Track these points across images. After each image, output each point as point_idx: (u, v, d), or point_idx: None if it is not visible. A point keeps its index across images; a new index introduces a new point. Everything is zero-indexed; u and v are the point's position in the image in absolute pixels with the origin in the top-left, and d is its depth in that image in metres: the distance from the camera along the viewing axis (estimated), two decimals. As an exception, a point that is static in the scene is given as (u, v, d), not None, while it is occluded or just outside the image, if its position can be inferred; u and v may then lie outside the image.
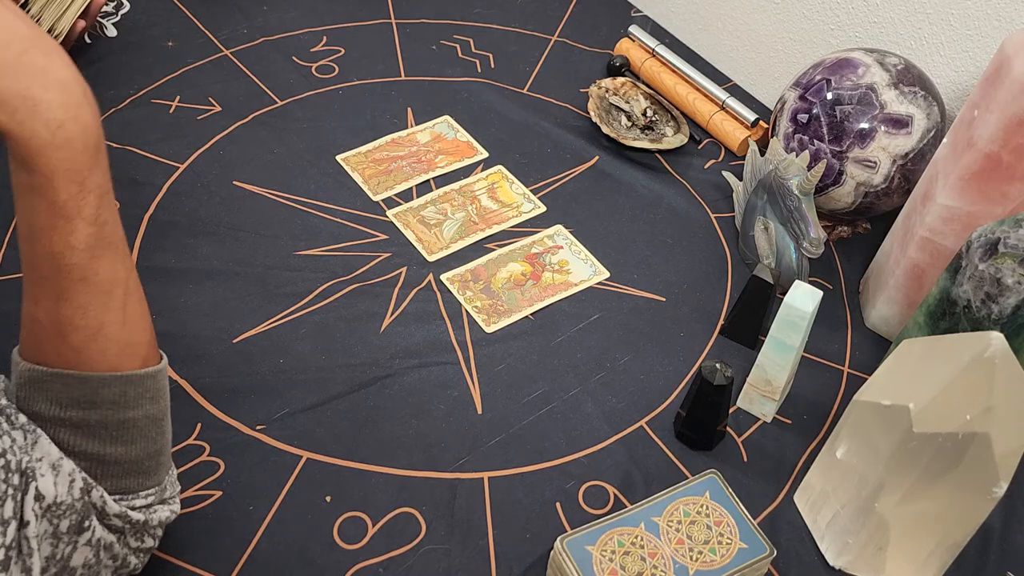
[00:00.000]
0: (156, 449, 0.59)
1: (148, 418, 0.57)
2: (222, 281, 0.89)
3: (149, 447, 0.58)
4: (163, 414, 0.59)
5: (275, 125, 1.06)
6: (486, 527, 0.74)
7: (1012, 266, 0.71)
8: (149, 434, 0.58)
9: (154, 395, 0.58)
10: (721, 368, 0.75)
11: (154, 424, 0.58)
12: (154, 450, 0.59)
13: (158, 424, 0.58)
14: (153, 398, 0.57)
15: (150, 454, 0.58)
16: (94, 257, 0.52)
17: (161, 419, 0.59)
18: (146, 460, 0.58)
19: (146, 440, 0.58)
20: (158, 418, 0.58)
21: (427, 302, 0.90)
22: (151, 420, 0.58)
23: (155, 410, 0.58)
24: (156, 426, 0.58)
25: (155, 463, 0.59)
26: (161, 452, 0.60)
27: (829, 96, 0.91)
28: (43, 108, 0.47)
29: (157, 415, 0.58)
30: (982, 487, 0.63)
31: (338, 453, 0.77)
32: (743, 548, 0.67)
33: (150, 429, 0.58)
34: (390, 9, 1.25)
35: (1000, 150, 0.75)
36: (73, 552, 0.54)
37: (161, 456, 0.60)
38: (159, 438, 0.59)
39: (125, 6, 1.19)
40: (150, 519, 0.59)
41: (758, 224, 0.94)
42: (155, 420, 0.58)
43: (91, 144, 0.50)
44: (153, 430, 0.58)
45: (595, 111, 1.08)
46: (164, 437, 0.60)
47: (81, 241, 0.51)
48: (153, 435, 0.58)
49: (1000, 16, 0.89)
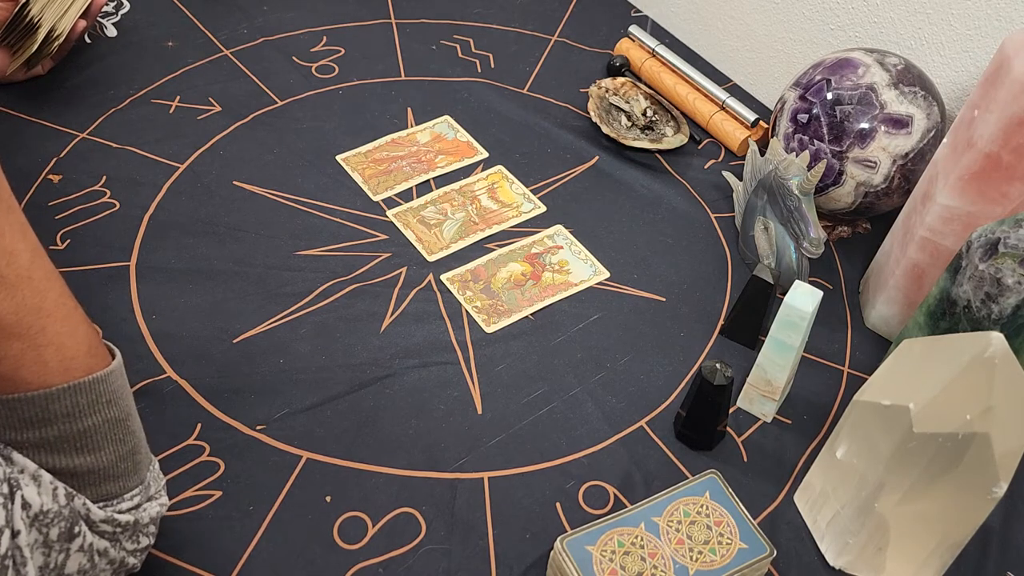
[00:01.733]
0: (127, 450, 0.57)
1: (109, 422, 0.56)
2: (222, 281, 0.89)
3: (119, 449, 0.57)
4: (125, 415, 0.57)
5: (275, 125, 1.06)
6: (486, 527, 0.74)
7: (1012, 266, 0.71)
8: (115, 437, 0.56)
9: (110, 398, 0.56)
10: (721, 368, 0.75)
11: (118, 426, 0.56)
12: (125, 451, 0.57)
13: (122, 425, 0.57)
14: (110, 401, 0.56)
15: (122, 456, 0.57)
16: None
17: (125, 419, 0.57)
18: (120, 463, 0.57)
19: (114, 443, 0.56)
20: (121, 419, 0.57)
21: (427, 302, 0.90)
22: (113, 423, 0.56)
23: (115, 412, 0.56)
24: (121, 427, 0.57)
25: (131, 464, 0.58)
26: (135, 452, 0.58)
27: (829, 96, 0.91)
28: None
29: (119, 416, 0.56)
30: (982, 487, 0.63)
31: (338, 453, 0.77)
32: (743, 548, 0.67)
33: (115, 432, 0.56)
34: (390, 9, 1.25)
35: (1000, 150, 0.75)
36: (67, 560, 0.53)
37: (136, 455, 0.58)
38: (128, 438, 0.57)
39: (125, 6, 1.19)
40: (140, 518, 0.58)
41: (758, 224, 0.94)
42: (118, 422, 0.56)
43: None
44: (119, 432, 0.56)
45: (595, 111, 1.08)
46: (134, 437, 0.58)
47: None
48: (121, 437, 0.57)
49: (1000, 16, 0.89)
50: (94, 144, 1.01)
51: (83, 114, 1.04)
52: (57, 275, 0.55)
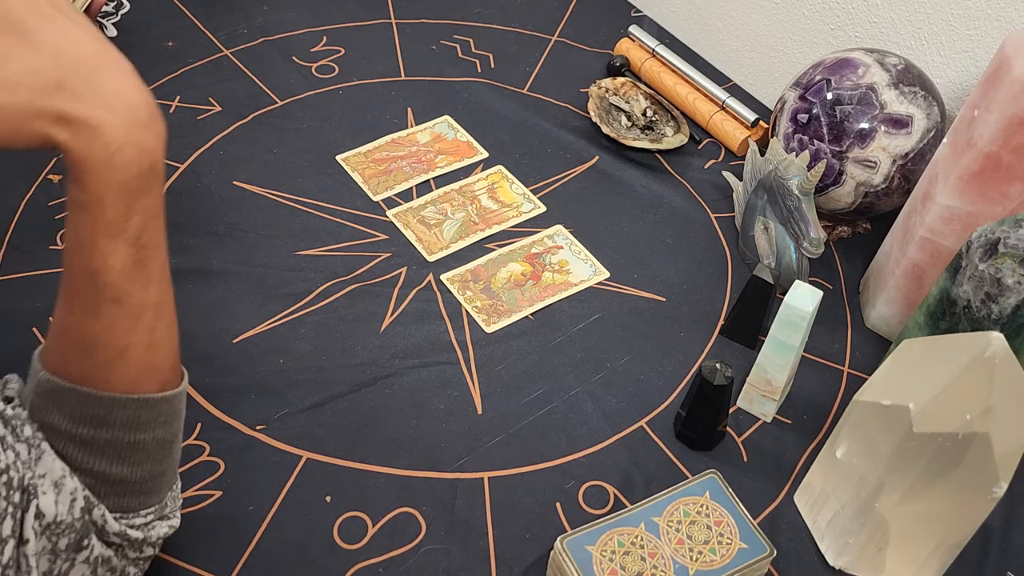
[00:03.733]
0: (161, 471, 0.58)
1: (158, 441, 0.56)
2: (222, 281, 0.89)
3: (154, 469, 0.57)
4: (174, 437, 0.59)
5: (275, 125, 1.06)
6: (486, 527, 0.74)
7: (1012, 266, 0.71)
8: (157, 456, 0.57)
9: (167, 419, 0.57)
10: (721, 368, 0.75)
11: (163, 447, 0.57)
12: (159, 471, 0.58)
13: (167, 447, 0.58)
14: (166, 422, 0.57)
15: (154, 475, 0.58)
16: (129, 279, 0.51)
17: (171, 442, 0.58)
18: (150, 481, 0.57)
19: (153, 462, 0.57)
20: (168, 441, 0.58)
21: (427, 302, 0.90)
22: (160, 443, 0.57)
23: (166, 434, 0.57)
24: (165, 449, 0.57)
25: (158, 483, 0.58)
26: (165, 473, 0.59)
27: (829, 96, 0.91)
28: (106, 129, 0.46)
29: (168, 438, 0.57)
30: (982, 487, 0.63)
31: (338, 453, 0.77)
32: (743, 548, 0.67)
33: (159, 452, 0.57)
34: (390, 9, 1.25)
35: (1000, 150, 0.75)
36: (71, 569, 0.53)
37: (165, 476, 0.59)
38: (166, 459, 0.58)
39: (125, 6, 1.19)
40: (148, 536, 0.58)
41: (758, 224, 0.94)
42: (165, 443, 0.57)
43: (145, 168, 0.49)
44: (161, 453, 0.57)
45: (595, 111, 1.08)
46: (171, 458, 0.59)
47: (119, 262, 0.50)
48: (161, 457, 0.57)
49: (1000, 16, 0.89)
50: (94, 144, 1.01)
51: (83, 114, 1.04)
52: (172, 285, 0.56)
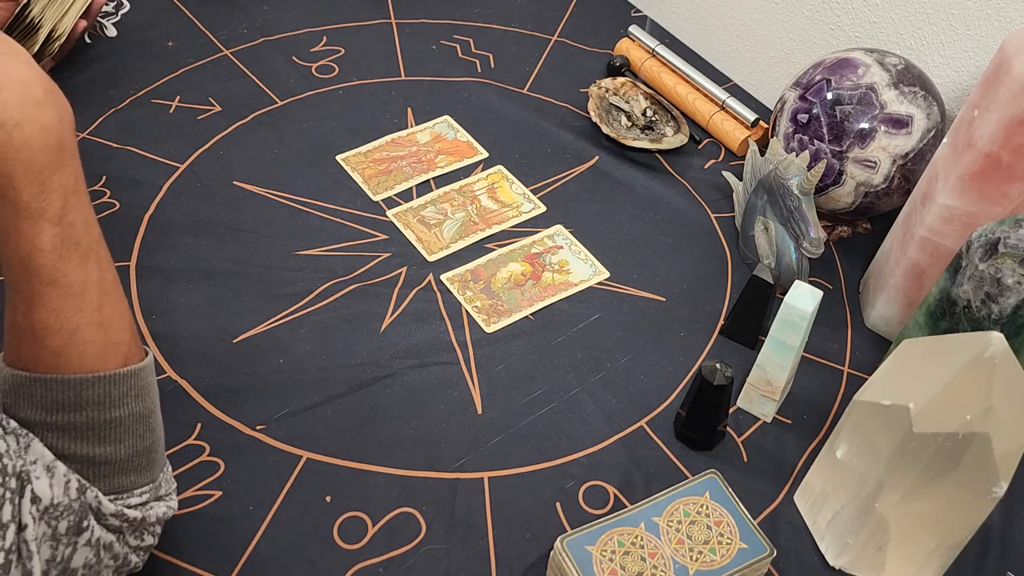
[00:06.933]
0: (146, 446, 0.58)
1: (134, 416, 0.57)
2: (222, 281, 0.89)
3: (138, 444, 0.58)
4: (150, 411, 0.59)
5: (275, 125, 1.06)
6: (486, 527, 0.74)
7: (1012, 266, 0.71)
8: (137, 431, 0.57)
9: (139, 392, 0.57)
10: (721, 368, 0.75)
11: (141, 421, 0.58)
12: (143, 447, 0.58)
13: (145, 421, 0.58)
14: (138, 395, 0.57)
15: (140, 451, 0.58)
16: (62, 259, 0.51)
17: (148, 416, 0.58)
18: (136, 458, 0.58)
19: (135, 438, 0.57)
20: (145, 415, 0.58)
21: (427, 302, 0.90)
22: (138, 418, 0.57)
23: (141, 407, 0.57)
24: (144, 423, 0.58)
25: (147, 460, 0.59)
26: (152, 449, 0.59)
27: (829, 96, 0.91)
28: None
29: (144, 412, 0.58)
30: (982, 487, 0.63)
31: (338, 453, 0.77)
32: (743, 548, 0.67)
33: (138, 427, 0.57)
34: (390, 9, 1.25)
35: (1000, 150, 0.75)
36: (73, 553, 0.54)
37: (153, 453, 0.59)
38: (148, 435, 0.59)
39: (125, 6, 1.19)
40: (147, 516, 0.59)
41: (758, 224, 0.94)
42: (142, 417, 0.58)
43: (51, 144, 0.49)
44: (141, 427, 0.58)
45: (595, 111, 1.08)
46: (154, 434, 0.59)
47: (47, 243, 0.50)
48: (141, 432, 0.58)
49: (1000, 16, 0.89)
50: (94, 144, 1.01)
51: (83, 114, 1.04)
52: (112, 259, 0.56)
